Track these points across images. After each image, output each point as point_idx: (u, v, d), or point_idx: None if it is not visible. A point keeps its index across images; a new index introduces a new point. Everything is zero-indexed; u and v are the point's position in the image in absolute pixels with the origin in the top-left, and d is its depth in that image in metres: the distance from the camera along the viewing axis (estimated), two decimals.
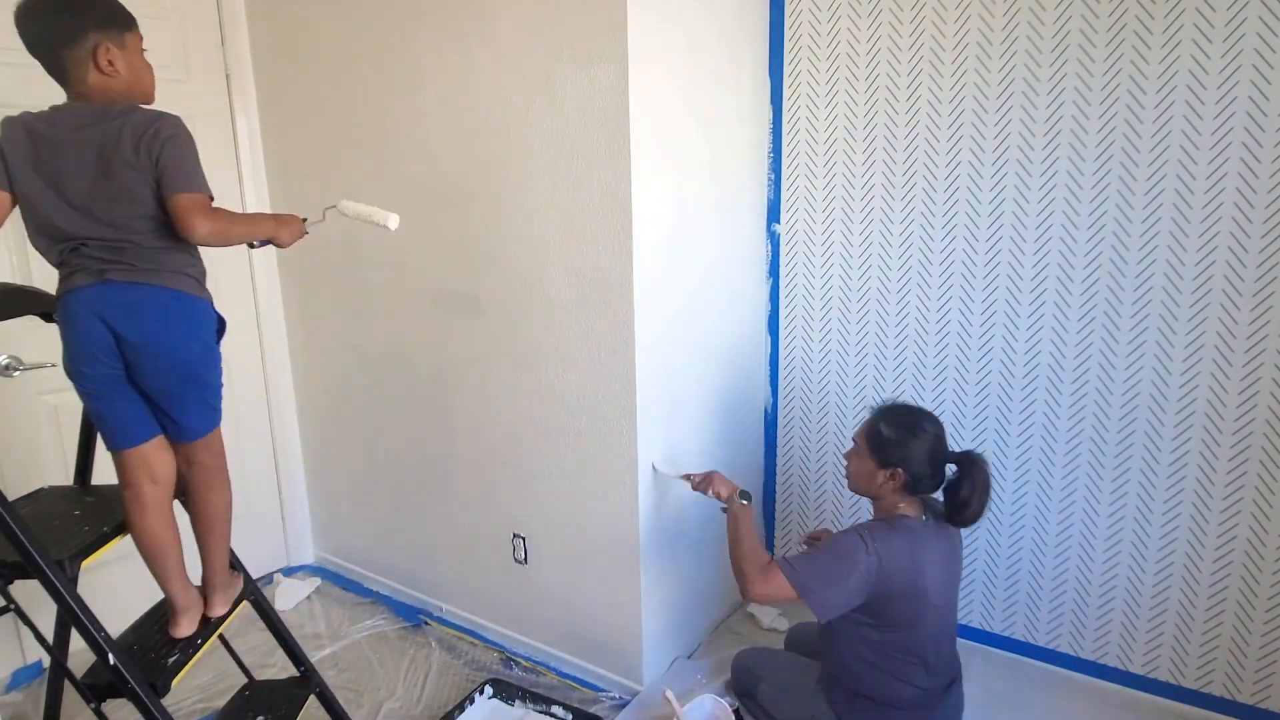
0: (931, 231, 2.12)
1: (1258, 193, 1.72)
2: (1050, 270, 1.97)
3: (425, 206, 2.19)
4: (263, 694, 1.81)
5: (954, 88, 2.02)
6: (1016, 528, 2.15)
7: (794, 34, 2.25)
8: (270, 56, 2.50)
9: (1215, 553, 1.89)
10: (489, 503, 2.29)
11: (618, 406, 1.93)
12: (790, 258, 2.38)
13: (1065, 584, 2.10)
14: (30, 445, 2.20)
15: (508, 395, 2.15)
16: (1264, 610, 1.86)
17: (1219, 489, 1.86)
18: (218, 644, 1.84)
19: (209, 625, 1.60)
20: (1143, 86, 1.79)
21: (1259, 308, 1.75)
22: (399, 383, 2.42)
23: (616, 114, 1.77)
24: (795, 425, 2.49)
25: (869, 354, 2.30)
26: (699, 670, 2.15)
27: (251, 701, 1.76)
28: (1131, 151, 1.83)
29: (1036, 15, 1.88)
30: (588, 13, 1.76)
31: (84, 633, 1.38)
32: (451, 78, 2.05)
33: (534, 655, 2.30)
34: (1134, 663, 2.05)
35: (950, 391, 2.18)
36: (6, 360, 2.02)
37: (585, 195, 1.87)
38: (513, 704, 2.05)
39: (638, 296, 1.85)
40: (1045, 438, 2.06)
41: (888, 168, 2.16)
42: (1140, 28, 1.77)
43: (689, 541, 2.21)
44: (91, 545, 1.47)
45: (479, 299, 2.14)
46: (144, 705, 1.42)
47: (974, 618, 2.27)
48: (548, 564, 2.20)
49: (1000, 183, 2.00)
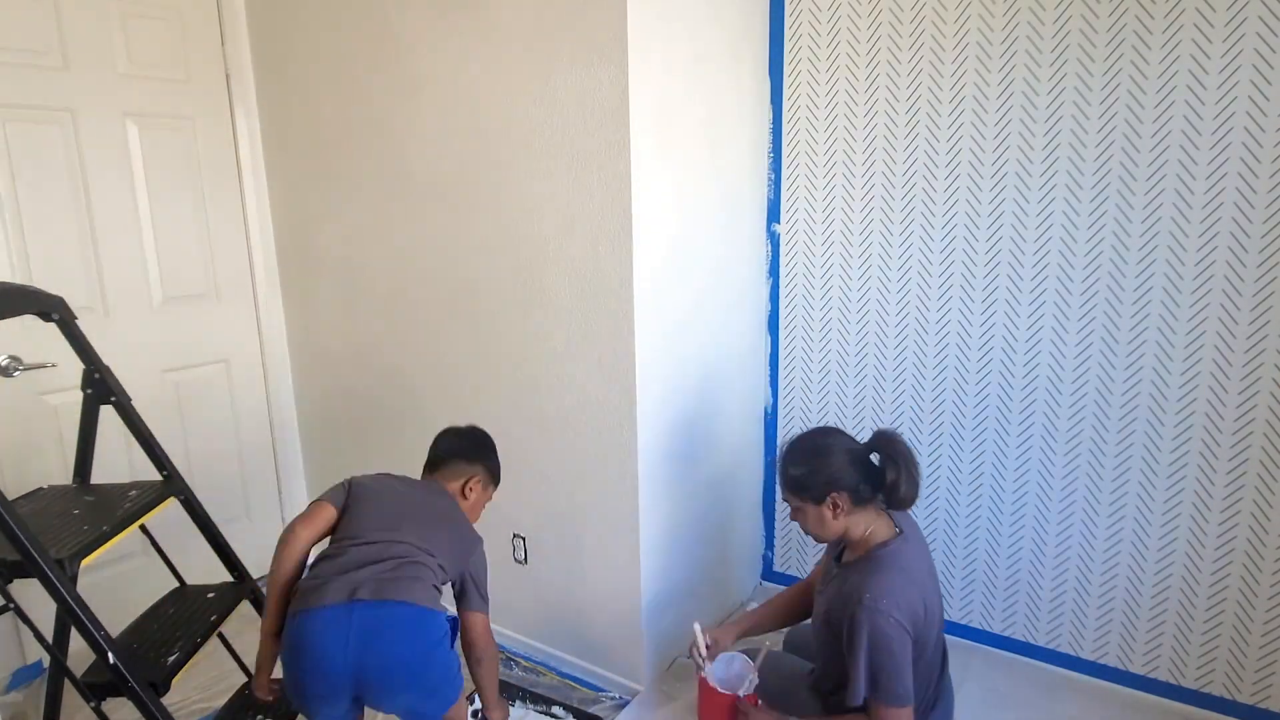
0: (931, 231, 2.12)
1: (1258, 193, 1.72)
2: (1050, 270, 1.97)
3: (425, 206, 2.19)
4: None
5: (954, 88, 2.02)
6: (1016, 528, 2.15)
7: (794, 34, 2.25)
8: (270, 56, 2.50)
9: (1215, 553, 1.89)
10: (489, 503, 2.28)
11: (618, 406, 1.93)
12: (790, 258, 2.39)
13: (1065, 584, 2.10)
14: (30, 445, 2.20)
15: (508, 395, 2.15)
16: (1264, 610, 1.86)
17: (1219, 489, 1.86)
18: (218, 644, 1.85)
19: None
20: (1143, 86, 1.79)
21: (1259, 308, 1.75)
22: (398, 383, 2.42)
23: (616, 114, 1.77)
24: (795, 425, 2.49)
25: (869, 354, 2.30)
26: None
27: (251, 701, 1.75)
28: (1131, 151, 1.83)
29: (1036, 15, 1.88)
30: (588, 13, 1.76)
31: (84, 632, 1.38)
32: (451, 77, 2.05)
33: (534, 655, 2.30)
34: (1134, 663, 2.04)
35: (950, 392, 2.18)
36: (6, 360, 2.02)
37: (585, 195, 1.87)
38: (513, 704, 2.05)
39: (637, 296, 1.85)
40: (1045, 438, 2.06)
41: (888, 168, 2.16)
42: (1140, 28, 1.77)
43: (689, 541, 2.21)
44: (91, 544, 1.47)
45: (479, 298, 2.15)
46: (144, 704, 1.43)
47: (974, 618, 2.27)
48: (548, 564, 2.20)
49: (1000, 182, 2.00)
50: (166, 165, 2.40)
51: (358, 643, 1.33)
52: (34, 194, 2.12)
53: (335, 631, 1.34)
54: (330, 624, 1.34)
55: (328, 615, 1.35)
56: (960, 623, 2.29)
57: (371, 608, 1.36)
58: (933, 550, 2.29)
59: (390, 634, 1.36)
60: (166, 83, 2.38)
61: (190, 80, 2.43)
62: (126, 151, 2.30)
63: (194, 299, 2.51)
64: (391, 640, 1.36)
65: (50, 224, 2.17)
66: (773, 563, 2.64)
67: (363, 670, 1.34)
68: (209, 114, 2.48)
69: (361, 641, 1.34)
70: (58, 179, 2.17)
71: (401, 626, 1.37)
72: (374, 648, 1.34)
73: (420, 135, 2.16)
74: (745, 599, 2.56)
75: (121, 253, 2.32)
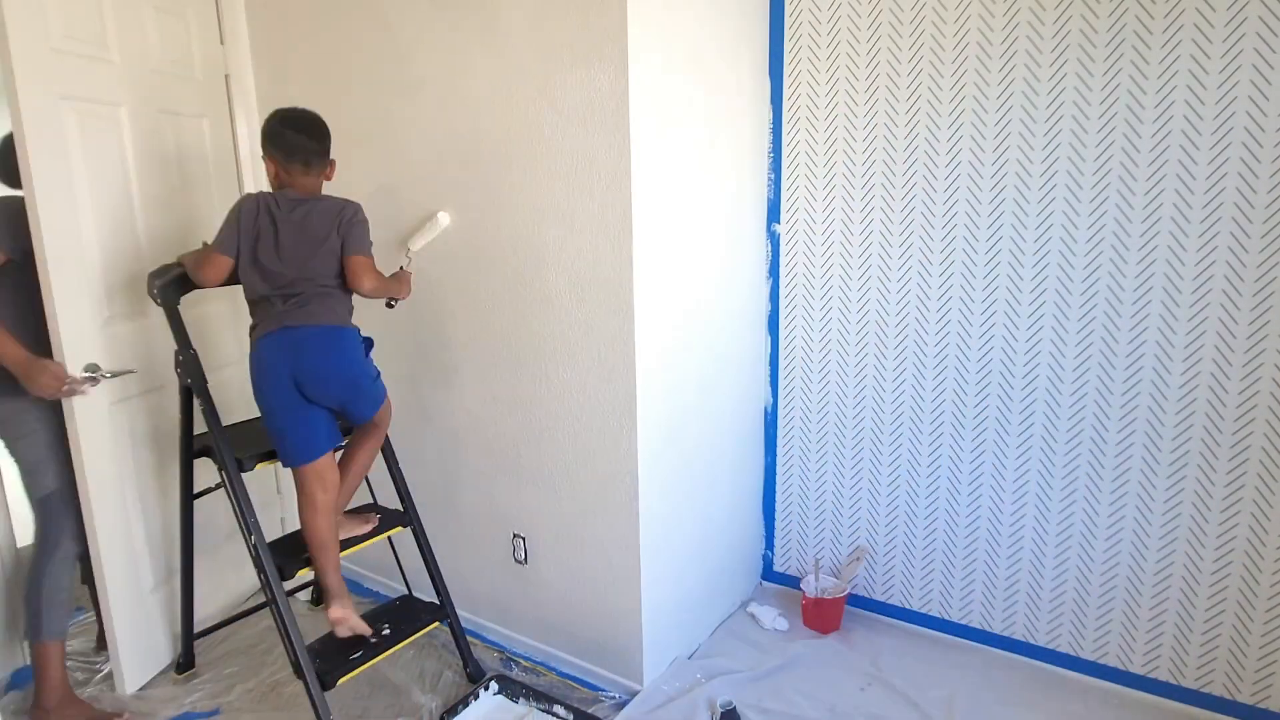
0: (931, 231, 2.12)
1: (1258, 193, 1.72)
2: (1050, 270, 1.97)
3: (425, 207, 2.19)
4: (403, 608, 2.15)
5: (954, 88, 2.02)
6: (1016, 528, 2.15)
7: (794, 34, 2.25)
8: (270, 57, 2.50)
9: (1215, 553, 1.90)
10: (489, 503, 2.29)
11: (618, 406, 1.93)
12: (790, 258, 2.39)
13: (1065, 584, 2.10)
14: None
15: (508, 395, 2.15)
16: (1264, 610, 1.87)
17: (1219, 489, 1.87)
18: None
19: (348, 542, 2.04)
20: (1143, 86, 1.79)
21: (1259, 308, 1.76)
22: (399, 383, 2.42)
23: (616, 114, 1.77)
24: (795, 425, 2.49)
25: (869, 354, 2.30)
26: (699, 670, 2.16)
27: (391, 611, 2.12)
28: (1131, 151, 1.83)
29: (1036, 15, 1.88)
30: (588, 13, 1.76)
31: None
32: (451, 78, 2.05)
33: (534, 655, 2.30)
34: (1134, 663, 2.05)
35: (950, 391, 2.18)
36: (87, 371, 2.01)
37: (585, 195, 1.87)
38: (516, 701, 2.05)
39: (638, 296, 1.85)
40: (1045, 438, 2.06)
41: (888, 168, 2.16)
42: (1140, 28, 1.77)
43: (689, 541, 2.21)
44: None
45: (479, 299, 2.15)
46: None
47: (974, 618, 2.27)
48: (548, 564, 2.20)
49: (1000, 182, 2.00)
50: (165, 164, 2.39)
51: (291, 356, 1.79)
52: None
53: (275, 350, 1.80)
54: (270, 346, 1.81)
55: (268, 340, 1.81)
56: (960, 623, 2.29)
57: (295, 330, 1.80)
58: (933, 549, 2.30)
59: (311, 344, 1.80)
60: (171, 78, 2.37)
61: (190, 79, 2.42)
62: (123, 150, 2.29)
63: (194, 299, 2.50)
64: (313, 350, 1.80)
65: None
66: (772, 562, 2.64)
67: (298, 374, 1.79)
68: (209, 113, 2.47)
69: (294, 354, 1.79)
70: None
71: (319, 339, 1.81)
72: (302, 358, 1.79)
73: (420, 134, 2.15)
74: (745, 598, 2.57)
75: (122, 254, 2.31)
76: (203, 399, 1.92)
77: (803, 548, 2.56)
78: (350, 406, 1.91)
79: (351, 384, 1.88)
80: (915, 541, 2.33)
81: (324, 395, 1.85)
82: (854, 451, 2.39)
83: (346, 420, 1.98)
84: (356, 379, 1.88)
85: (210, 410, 1.91)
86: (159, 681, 2.25)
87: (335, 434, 1.93)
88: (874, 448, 2.35)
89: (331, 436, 1.91)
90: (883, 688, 2.09)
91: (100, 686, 2.22)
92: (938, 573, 2.31)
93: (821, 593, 2.37)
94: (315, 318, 1.81)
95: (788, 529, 2.59)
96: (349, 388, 1.88)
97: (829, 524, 2.48)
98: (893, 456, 2.32)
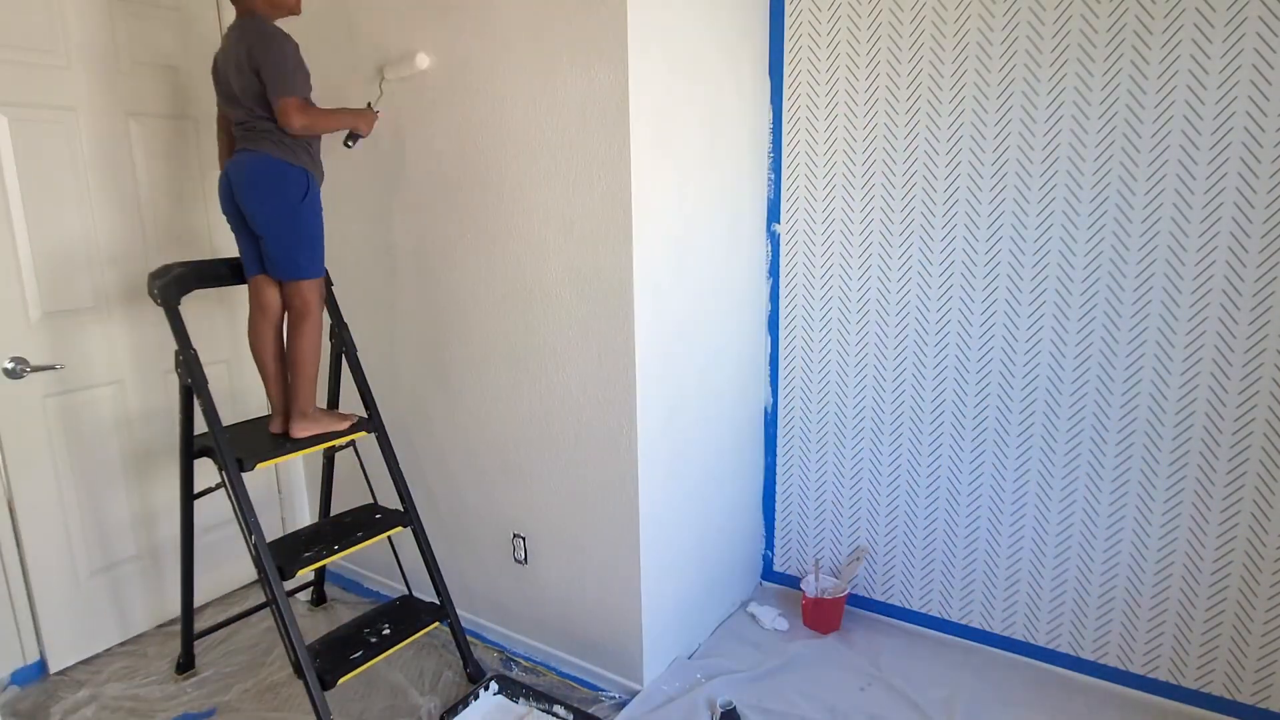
0: (931, 231, 2.12)
1: (1258, 193, 1.72)
2: (1050, 270, 1.97)
3: (424, 207, 2.19)
4: (403, 608, 2.16)
5: (954, 88, 2.02)
6: (1016, 528, 2.15)
7: (794, 34, 2.25)
8: None
9: (1215, 553, 1.89)
10: (489, 503, 2.29)
11: (618, 406, 1.93)
12: (790, 258, 2.39)
13: (1065, 584, 2.10)
14: None
15: (508, 395, 2.15)
16: (1264, 610, 1.87)
17: (1219, 489, 1.87)
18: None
19: (294, 442, 2.03)
20: (1143, 86, 1.79)
21: (1259, 308, 1.76)
22: (399, 384, 2.42)
23: (616, 114, 1.77)
24: (795, 425, 2.49)
25: (869, 353, 2.30)
26: (699, 670, 2.16)
27: (391, 611, 2.14)
28: (1131, 151, 1.83)
29: (1036, 15, 1.88)
30: (588, 13, 1.76)
31: None
32: (451, 78, 2.05)
33: (534, 655, 2.30)
34: (1134, 663, 2.05)
35: (950, 391, 2.18)
36: (12, 363, 2.08)
37: (585, 195, 1.87)
38: (517, 701, 2.05)
39: (638, 296, 1.85)
40: (1045, 438, 2.06)
41: (888, 167, 2.16)
42: (1140, 28, 1.77)
43: (689, 541, 2.21)
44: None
45: (479, 300, 2.15)
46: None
47: (974, 618, 2.27)
48: (548, 564, 2.20)
49: (1000, 182, 2.00)
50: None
51: (232, 178, 1.93)
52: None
53: (227, 172, 1.95)
54: (229, 168, 1.95)
55: (229, 164, 1.95)
56: (960, 622, 2.29)
57: (238, 154, 1.93)
58: (933, 549, 2.30)
59: (241, 170, 1.91)
60: (171, 71, 2.38)
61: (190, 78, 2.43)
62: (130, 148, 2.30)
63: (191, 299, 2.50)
64: (239, 175, 1.91)
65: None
66: (773, 563, 2.64)
67: (236, 196, 1.92)
68: (208, 113, 2.47)
69: (233, 177, 1.92)
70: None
71: (247, 166, 1.91)
72: (235, 182, 1.92)
73: (419, 134, 2.15)
74: (745, 598, 2.57)
75: (125, 257, 2.32)
76: (203, 399, 1.92)
77: (803, 548, 2.56)
78: (267, 248, 1.95)
79: (263, 219, 1.92)
80: (915, 541, 2.33)
81: (250, 219, 1.94)
82: (854, 451, 2.39)
83: (269, 271, 2.00)
84: (268, 217, 1.92)
85: (210, 410, 1.91)
86: (105, 659, 2.35)
87: None
88: (874, 448, 2.35)
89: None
90: (883, 688, 2.09)
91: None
92: (938, 573, 2.31)
93: (821, 593, 2.37)
94: (251, 143, 1.90)
95: (788, 529, 2.59)
96: (261, 222, 1.93)
97: (829, 524, 2.48)
98: (893, 456, 2.32)
